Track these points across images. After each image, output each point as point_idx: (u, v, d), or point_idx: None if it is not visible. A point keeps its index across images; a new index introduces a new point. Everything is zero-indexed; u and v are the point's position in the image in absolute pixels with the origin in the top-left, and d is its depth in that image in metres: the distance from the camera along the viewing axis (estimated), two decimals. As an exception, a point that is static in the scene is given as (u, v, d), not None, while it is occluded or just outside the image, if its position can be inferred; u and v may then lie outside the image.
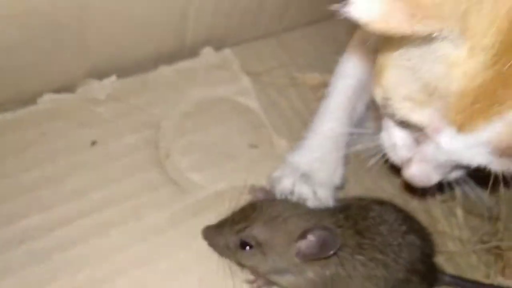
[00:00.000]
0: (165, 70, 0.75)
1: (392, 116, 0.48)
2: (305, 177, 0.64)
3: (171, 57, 0.76)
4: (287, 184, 0.63)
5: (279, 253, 0.55)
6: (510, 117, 0.40)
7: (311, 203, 0.63)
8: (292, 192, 0.63)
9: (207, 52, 0.79)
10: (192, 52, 0.77)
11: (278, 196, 0.64)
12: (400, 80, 0.45)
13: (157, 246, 0.60)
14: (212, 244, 0.57)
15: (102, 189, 0.63)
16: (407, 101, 0.45)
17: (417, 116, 0.45)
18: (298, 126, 0.75)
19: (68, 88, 0.69)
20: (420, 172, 0.51)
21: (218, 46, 0.79)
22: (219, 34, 0.77)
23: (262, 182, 0.67)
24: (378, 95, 0.48)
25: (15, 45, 0.58)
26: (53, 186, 0.61)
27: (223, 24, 0.76)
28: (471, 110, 0.40)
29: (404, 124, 0.49)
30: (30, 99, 0.67)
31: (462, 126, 0.42)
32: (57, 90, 0.68)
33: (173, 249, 0.61)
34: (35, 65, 0.63)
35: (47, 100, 0.68)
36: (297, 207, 0.60)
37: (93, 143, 0.66)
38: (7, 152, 0.63)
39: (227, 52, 0.80)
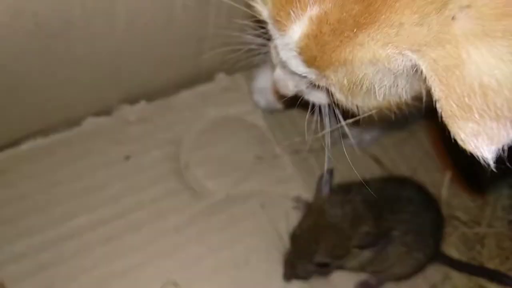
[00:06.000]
0: (185, 94, 0.89)
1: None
2: None
3: (190, 82, 0.90)
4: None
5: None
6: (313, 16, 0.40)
7: None
8: None
9: (221, 77, 0.92)
10: (208, 77, 0.91)
11: None
12: None
13: (177, 241, 0.75)
14: (297, 277, 0.72)
15: (133, 196, 0.78)
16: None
17: (264, 12, 0.47)
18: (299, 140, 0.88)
19: (105, 112, 0.84)
20: (279, 76, 0.55)
21: (230, 71, 0.92)
22: (231, 61, 0.90)
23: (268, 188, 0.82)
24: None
25: (65, 80, 0.74)
26: (96, 193, 0.77)
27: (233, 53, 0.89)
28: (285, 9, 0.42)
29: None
30: (75, 122, 0.83)
31: (279, 25, 0.44)
32: (97, 114, 0.84)
33: (189, 244, 0.75)
34: (80, 94, 0.79)
35: (90, 122, 0.83)
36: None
37: (127, 157, 0.81)
38: (58, 165, 0.78)
39: (238, 76, 0.93)
